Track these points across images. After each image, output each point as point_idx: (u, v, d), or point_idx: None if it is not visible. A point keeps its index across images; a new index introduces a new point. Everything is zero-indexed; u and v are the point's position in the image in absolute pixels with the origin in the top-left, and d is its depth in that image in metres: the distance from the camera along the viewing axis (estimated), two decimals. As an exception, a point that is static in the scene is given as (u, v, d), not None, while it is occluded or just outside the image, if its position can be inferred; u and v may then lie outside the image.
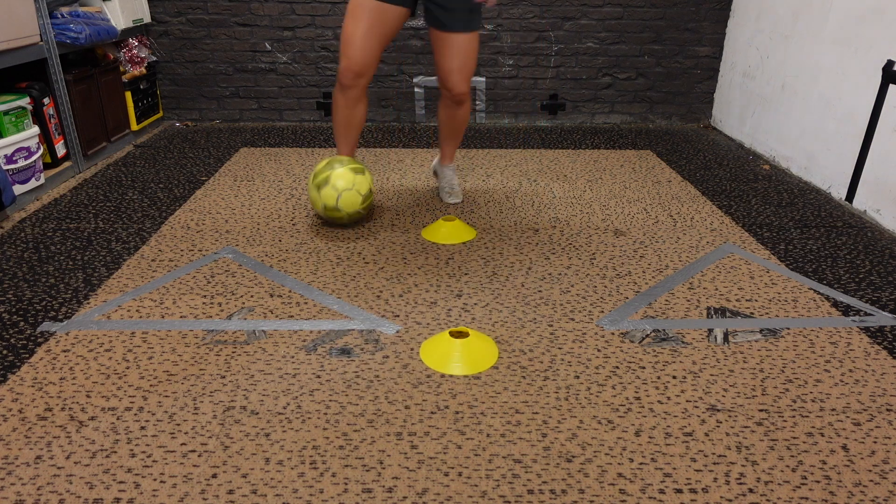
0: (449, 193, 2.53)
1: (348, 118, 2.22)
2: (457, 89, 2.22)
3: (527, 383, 1.45)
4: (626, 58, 3.66)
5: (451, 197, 2.53)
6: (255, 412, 1.35)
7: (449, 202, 2.52)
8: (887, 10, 2.36)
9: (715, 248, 2.16)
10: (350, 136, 2.28)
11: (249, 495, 1.14)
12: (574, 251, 2.13)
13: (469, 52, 2.17)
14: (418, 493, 1.14)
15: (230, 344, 1.59)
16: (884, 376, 1.49)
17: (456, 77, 2.20)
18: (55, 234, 2.20)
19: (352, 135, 2.28)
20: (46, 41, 2.59)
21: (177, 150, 3.20)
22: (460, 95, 2.25)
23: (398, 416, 1.34)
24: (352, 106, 2.19)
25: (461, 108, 2.33)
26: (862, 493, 1.16)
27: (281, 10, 3.50)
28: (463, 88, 2.23)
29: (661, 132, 3.67)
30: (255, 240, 2.18)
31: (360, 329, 1.66)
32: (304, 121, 3.76)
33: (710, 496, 1.15)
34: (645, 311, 1.76)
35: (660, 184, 2.79)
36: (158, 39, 3.54)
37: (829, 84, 2.70)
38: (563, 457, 1.23)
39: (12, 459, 1.21)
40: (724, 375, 1.49)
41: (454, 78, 2.20)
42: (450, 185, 2.55)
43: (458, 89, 2.22)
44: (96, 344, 1.58)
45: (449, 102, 2.31)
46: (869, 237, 2.27)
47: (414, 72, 3.65)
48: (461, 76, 2.20)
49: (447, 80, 2.21)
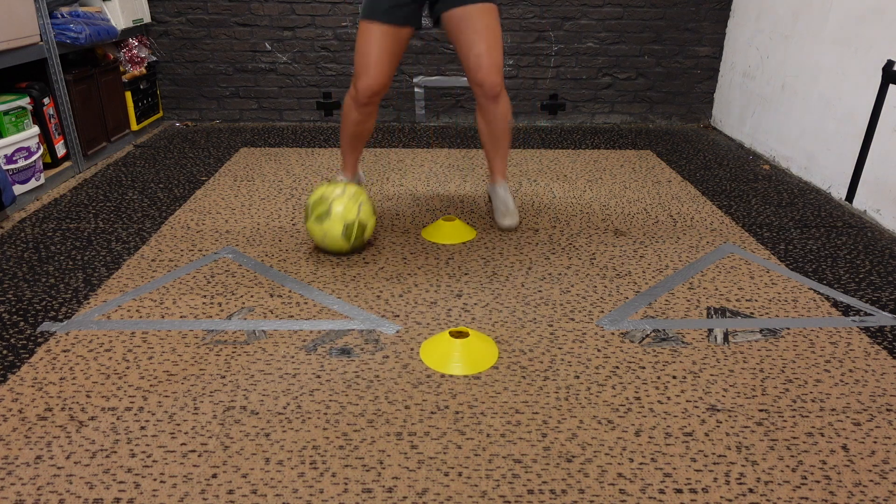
0: (503, 214, 2.24)
1: (359, 132, 2.21)
2: (488, 78, 2.01)
3: (527, 383, 1.45)
4: (626, 58, 3.66)
5: (506, 219, 2.23)
6: (255, 412, 1.35)
7: (503, 225, 2.24)
8: (887, 10, 2.36)
9: (715, 248, 2.16)
10: (358, 148, 2.28)
11: (249, 495, 1.14)
12: (574, 251, 2.13)
13: (493, 29, 1.98)
14: (418, 493, 1.14)
15: (230, 344, 1.59)
16: (884, 376, 1.49)
17: (486, 62, 1.99)
18: (55, 234, 2.20)
19: (359, 147, 2.29)
20: (46, 41, 2.59)
21: (177, 150, 3.20)
22: (494, 87, 2.03)
23: (398, 416, 1.34)
24: (365, 120, 2.18)
25: (499, 106, 2.10)
26: (862, 493, 1.16)
27: (281, 10, 3.50)
28: (495, 77, 2.01)
29: (661, 132, 3.67)
30: (255, 240, 2.18)
31: (360, 329, 1.66)
32: (304, 121, 3.76)
33: (710, 496, 1.15)
34: (645, 311, 1.76)
35: (660, 184, 2.79)
36: (158, 39, 3.54)
37: (829, 84, 2.70)
38: (563, 457, 1.23)
39: (12, 459, 1.21)
40: (724, 375, 1.49)
41: (484, 64, 1.99)
42: (504, 205, 2.26)
43: (489, 78, 2.01)
44: (96, 344, 1.58)
45: (483, 102, 2.10)
46: (869, 237, 2.27)
47: (414, 72, 3.65)
48: (490, 60, 1.99)
49: (477, 72, 2.01)
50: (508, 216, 2.24)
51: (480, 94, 2.08)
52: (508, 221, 2.23)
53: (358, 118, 2.16)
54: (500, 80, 2.04)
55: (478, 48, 1.98)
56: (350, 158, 2.32)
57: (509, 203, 2.27)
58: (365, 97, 2.09)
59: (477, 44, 1.98)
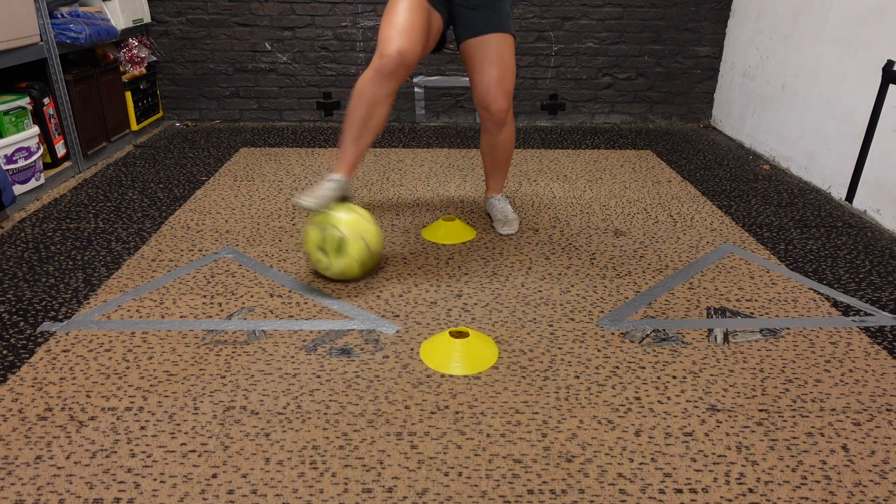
0: (503, 223, 2.27)
1: (369, 115, 1.92)
2: (496, 105, 2.03)
3: (527, 383, 1.45)
4: (626, 58, 3.66)
5: (506, 227, 2.26)
6: (255, 412, 1.35)
7: (503, 233, 2.25)
8: (887, 10, 2.36)
9: (715, 248, 2.16)
10: (363, 139, 1.95)
11: (249, 495, 1.14)
12: (574, 251, 2.13)
13: (506, 59, 1.99)
14: (418, 493, 1.14)
15: (230, 344, 1.59)
16: (884, 376, 1.49)
17: (495, 90, 2.00)
18: (55, 234, 2.20)
19: (365, 138, 1.95)
20: (46, 41, 2.59)
21: (177, 150, 3.20)
22: (500, 113, 2.05)
23: (398, 416, 1.34)
24: (382, 101, 1.91)
25: (503, 133, 2.12)
26: (862, 493, 1.16)
27: (281, 10, 3.50)
28: (502, 104, 2.03)
29: (661, 132, 3.67)
30: (255, 240, 2.18)
31: (360, 329, 1.66)
32: (304, 121, 3.76)
33: (710, 496, 1.15)
34: (645, 311, 1.76)
35: (660, 184, 2.79)
36: (158, 39, 3.54)
37: (829, 84, 2.70)
38: (563, 457, 1.23)
39: (12, 459, 1.21)
40: (724, 375, 1.49)
41: (493, 91, 2.01)
42: (503, 215, 2.29)
43: (497, 105, 2.03)
44: (96, 344, 1.58)
45: (489, 126, 2.11)
46: (869, 237, 2.27)
47: (414, 72, 3.65)
48: (500, 88, 2.01)
49: (485, 96, 2.02)
50: (507, 225, 2.27)
51: (487, 119, 2.09)
52: (508, 230, 2.27)
53: (374, 96, 1.89)
54: (506, 107, 2.05)
55: (489, 75, 2.00)
56: (352, 152, 1.96)
57: (508, 213, 2.30)
58: (393, 63, 1.85)
59: (489, 71, 1.99)
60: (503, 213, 2.30)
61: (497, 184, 2.33)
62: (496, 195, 2.35)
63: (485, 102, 2.04)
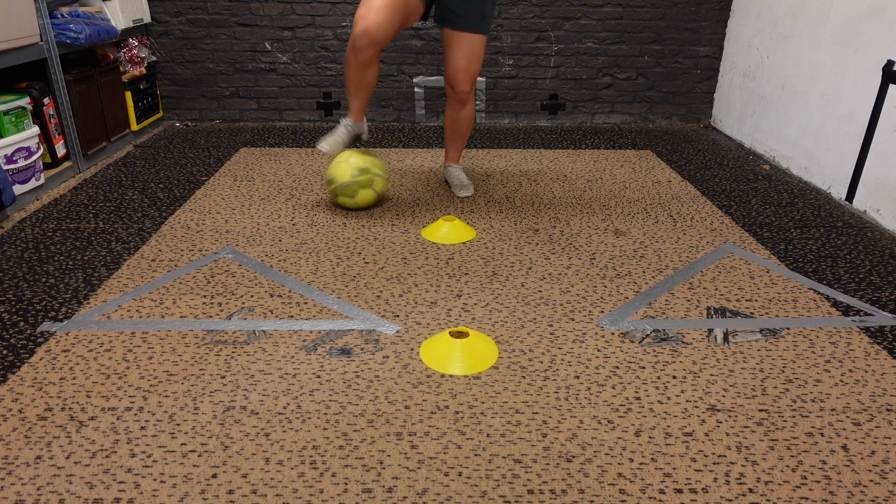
0: (460, 188, 2.61)
1: (359, 78, 2.26)
2: (460, 86, 2.37)
3: (527, 383, 1.45)
4: (626, 58, 3.66)
5: (463, 190, 2.60)
6: (255, 412, 1.35)
7: (461, 196, 2.59)
8: (887, 10, 2.36)
9: (715, 248, 2.16)
10: (361, 94, 2.32)
11: (249, 495, 1.14)
12: (574, 251, 2.13)
13: (475, 53, 2.32)
14: (418, 493, 1.14)
15: (230, 344, 1.59)
16: (884, 376, 1.49)
17: (461, 75, 2.35)
18: (55, 234, 2.20)
19: (363, 94, 2.32)
20: (46, 41, 2.59)
21: (177, 150, 3.20)
22: (463, 94, 2.40)
23: (398, 416, 1.34)
24: (363, 69, 2.22)
25: (464, 109, 2.47)
26: (862, 493, 1.16)
27: (281, 10, 3.50)
28: (466, 87, 2.38)
29: (661, 132, 3.67)
30: (255, 240, 2.18)
31: (360, 329, 1.66)
32: (304, 121, 3.76)
33: (710, 496, 1.15)
34: (645, 311, 1.76)
35: (660, 184, 2.79)
36: (158, 39, 3.54)
37: (829, 84, 2.70)
38: (563, 457, 1.23)
39: (12, 459, 1.21)
40: (724, 375, 1.49)
41: (459, 76, 2.35)
42: (459, 181, 2.63)
43: (461, 87, 2.37)
44: (96, 344, 1.58)
45: (454, 103, 2.46)
46: (869, 237, 2.27)
47: (414, 72, 3.65)
48: (466, 75, 2.35)
49: (453, 77, 2.36)
50: (463, 189, 2.61)
51: (452, 96, 2.44)
52: (464, 192, 2.60)
53: (356, 64, 2.20)
54: (469, 90, 2.40)
55: (459, 63, 2.33)
56: (355, 102, 2.36)
57: (463, 179, 2.65)
58: (362, 42, 2.11)
59: (460, 59, 2.33)
60: (459, 179, 2.64)
61: (455, 154, 2.68)
62: (453, 164, 2.69)
63: (453, 83, 2.39)
